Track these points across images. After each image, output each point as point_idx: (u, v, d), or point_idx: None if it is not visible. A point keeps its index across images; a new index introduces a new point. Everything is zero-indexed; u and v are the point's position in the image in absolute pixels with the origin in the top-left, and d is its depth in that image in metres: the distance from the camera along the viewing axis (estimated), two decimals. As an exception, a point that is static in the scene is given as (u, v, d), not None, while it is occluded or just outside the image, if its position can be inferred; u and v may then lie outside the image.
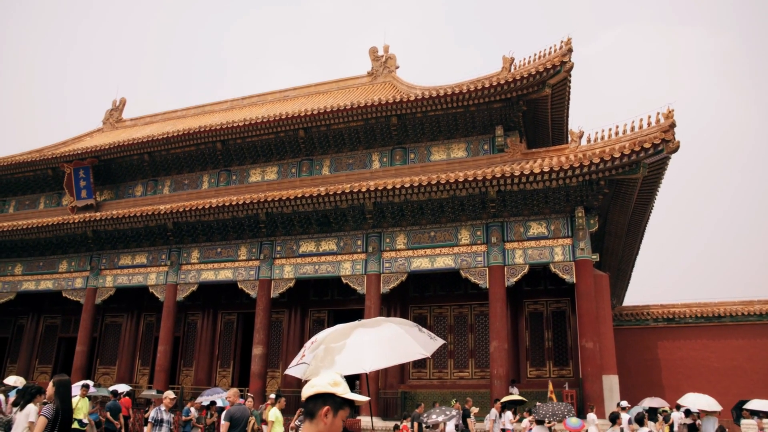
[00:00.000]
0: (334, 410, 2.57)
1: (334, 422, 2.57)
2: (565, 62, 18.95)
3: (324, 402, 2.57)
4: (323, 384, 2.60)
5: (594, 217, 18.36)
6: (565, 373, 20.92)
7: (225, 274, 22.72)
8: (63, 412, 7.13)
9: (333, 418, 2.57)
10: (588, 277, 17.94)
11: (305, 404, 2.64)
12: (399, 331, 4.18)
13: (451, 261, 19.45)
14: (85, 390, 14.11)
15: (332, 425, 2.57)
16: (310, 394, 2.61)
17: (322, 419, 2.55)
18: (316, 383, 2.62)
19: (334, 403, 2.58)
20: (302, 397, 2.67)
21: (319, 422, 2.56)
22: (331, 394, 2.59)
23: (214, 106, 32.29)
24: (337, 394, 2.59)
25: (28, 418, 9.21)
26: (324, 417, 2.55)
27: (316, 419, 2.56)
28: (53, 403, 7.15)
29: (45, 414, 7.04)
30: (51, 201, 29.84)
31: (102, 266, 25.27)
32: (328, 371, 3.63)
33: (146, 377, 26.69)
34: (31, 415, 9.25)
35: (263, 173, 25.08)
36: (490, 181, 17.71)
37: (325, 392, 2.59)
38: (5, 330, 30.99)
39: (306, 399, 2.62)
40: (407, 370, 22.41)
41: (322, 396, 2.59)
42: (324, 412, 2.56)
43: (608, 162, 16.36)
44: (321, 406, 2.57)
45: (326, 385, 2.59)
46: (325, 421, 2.56)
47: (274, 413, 11.70)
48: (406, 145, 22.76)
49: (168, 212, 22.02)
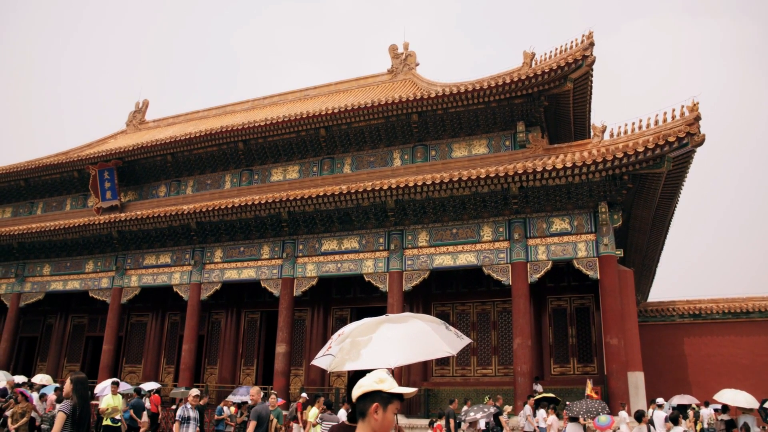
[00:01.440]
0: (383, 406, 2.66)
1: (385, 417, 2.65)
2: (587, 56, 18.76)
3: (372, 400, 2.66)
4: (369, 383, 2.70)
5: (618, 213, 18.15)
6: (589, 370, 20.75)
7: (248, 273, 22.88)
8: (81, 408, 7.30)
9: (383, 413, 2.65)
10: (612, 273, 17.75)
11: (357, 405, 2.73)
12: (426, 328, 4.18)
13: (473, 258, 19.38)
14: (116, 387, 14.28)
15: (384, 420, 2.65)
16: (359, 394, 2.71)
17: (373, 416, 2.64)
18: (362, 383, 2.72)
19: (382, 399, 2.67)
20: (353, 399, 2.75)
21: (371, 419, 2.65)
22: (378, 390, 2.67)
23: (236, 106, 32.55)
24: (384, 390, 2.67)
25: None
26: (375, 414, 2.64)
27: (368, 417, 2.65)
28: (71, 400, 7.31)
29: (63, 410, 7.21)
30: (77, 202, 30.30)
31: (127, 266, 25.60)
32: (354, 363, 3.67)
33: (171, 375, 26.99)
34: None
35: (285, 172, 25.22)
36: (512, 177, 17.60)
37: (373, 390, 2.68)
38: (35, 329, 31.58)
39: (356, 400, 2.71)
40: (430, 368, 22.39)
41: (370, 394, 2.68)
42: (374, 409, 2.65)
43: (632, 156, 16.16)
44: (370, 404, 2.66)
45: (372, 384, 2.68)
46: (376, 418, 2.64)
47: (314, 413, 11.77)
48: (427, 142, 22.73)
49: (191, 212, 22.23)
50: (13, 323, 27.65)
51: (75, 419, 7.20)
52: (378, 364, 3.73)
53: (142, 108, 36.76)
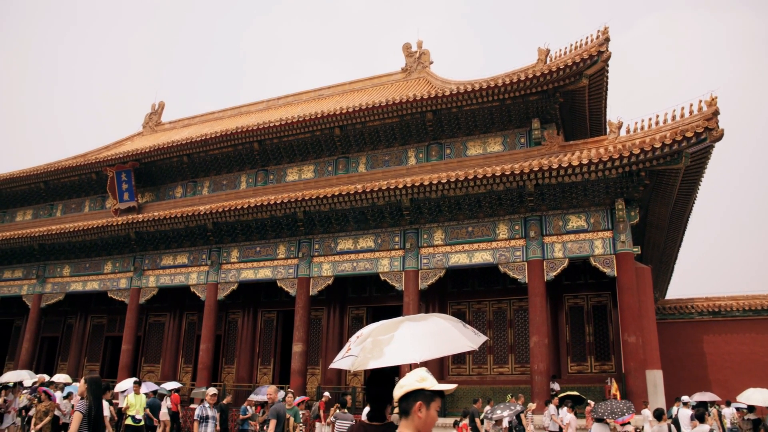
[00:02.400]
0: (426, 404, 2.71)
1: (428, 414, 2.71)
2: (602, 52, 18.64)
3: (415, 398, 2.71)
4: (411, 382, 2.74)
5: (635, 209, 18.01)
6: (606, 368, 20.61)
7: (264, 272, 22.99)
8: (95, 408, 7.46)
9: (427, 411, 2.70)
10: (629, 270, 17.62)
11: (399, 404, 2.77)
12: (446, 325, 4.20)
13: (489, 256, 19.33)
14: (138, 386, 14.44)
15: (427, 418, 2.70)
16: (401, 394, 2.75)
17: (416, 414, 2.70)
18: (404, 383, 2.76)
19: (425, 398, 2.72)
20: (394, 399, 2.81)
21: (414, 417, 2.70)
22: (421, 389, 2.72)
23: (250, 106, 32.71)
24: (426, 388, 2.72)
25: None
26: (418, 412, 2.69)
27: (411, 415, 2.71)
28: (86, 400, 7.45)
29: (80, 410, 7.36)
30: (95, 204, 30.64)
31: (145, 267, 25.84)
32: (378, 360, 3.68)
33: (189, 375, 27.20)
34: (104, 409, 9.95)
35: (300, 172, 25.32)
36: (527, 175, 17.53)
37: (415, 389, 2.72)
38: (56, 329, 31.98)
39: (399, 399, 2.75)
40: (446, 366, 22.37)
41: (412, 393, 2.73)
42: (417, 407, 2.70)
43: (649, 152, 16.03)
44: (413, 402, 2.71)
45: (414, 383, 2.73)
46: (420, 416, 2.69)
47: None
48: (442, 141, 22.70)
49: (208, 213, 22.38)
50: (35, 323, 28.04)
51: (90, 418, 7.35)
52: (402, 360, 3.75)
53: (158, 110, 37.06)
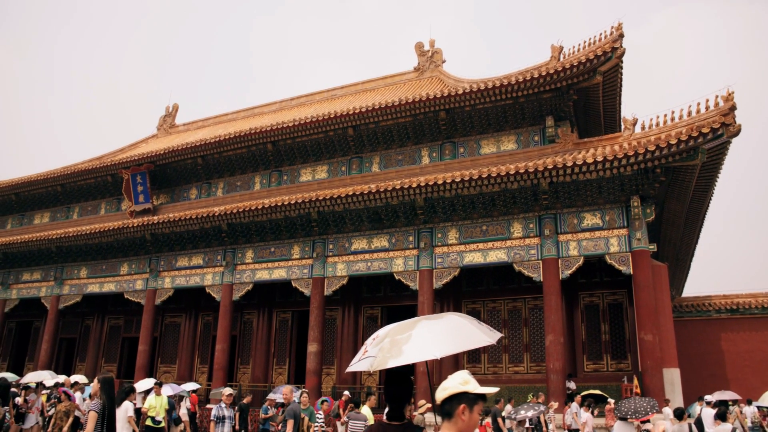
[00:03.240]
0: (469, 407, 2.73)
1: (471, 418, 2.72)
2: (616, 48, 18.50)
3: (459, 401, 2.73)
4: (455, 384, 2.76)
5: (650, 206, 17.86)
6: (623, 367, 20.48)
7: (279, 273, 23.06)
8: (109, 407, 7.54)
9: (470, 414, 2.72)
10: (645, 268, 17.48)
11: (441, 407, 2.78)
12: (462, 321, 4.21)
13: (503, 255, 19.26)
14: (159, 388, 14.53)
15: (470, 421, 2.72)
16: (445, 396, 2.76)
17: (460, 417, 2.71)
18: (447, 385, 2.77)
19: (468, 401, 2.73)
20: (437, 401, 2.81)
21: (458, 420, 2.71)
22: (464, 392, 2.74)
23: (263, 107, 32.84)
24: (469, 392, 2.74)
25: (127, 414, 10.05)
26: (462, 415, 2.71)
27: (455, 418, 2.72)
28: (100, 399, 7.53)
29: (94, 409, 7.44)
30: (111, 206, 30.90)
31: (160, 268, 26.01)
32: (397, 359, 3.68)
33: (205, 375, 27.37)
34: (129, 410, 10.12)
35: (314, 172, 25.38)
36: (542, 173, 17.44)
37: (459, 392, 2.74)
38: (73, 331, 32.31)
39: (442, 402, 2.77)
40: (461, 365, 22.31)
41: (456, 396, 2.74)
42: (461, 410, 2.71)
43: (664, 149, 15.89)
44: (457, 405, 2.73)
45: (458, 385, 2.75)
46: (463, 419, 2.71)
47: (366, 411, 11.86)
48: (456, 139, 22.66)
49: (222, 214, 22.49)
50: (54, 325, 28.34)
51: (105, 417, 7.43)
52: (423, 357, 3.75)
53: (172, 112, 37.31)
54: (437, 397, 2.81)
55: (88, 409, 7.65)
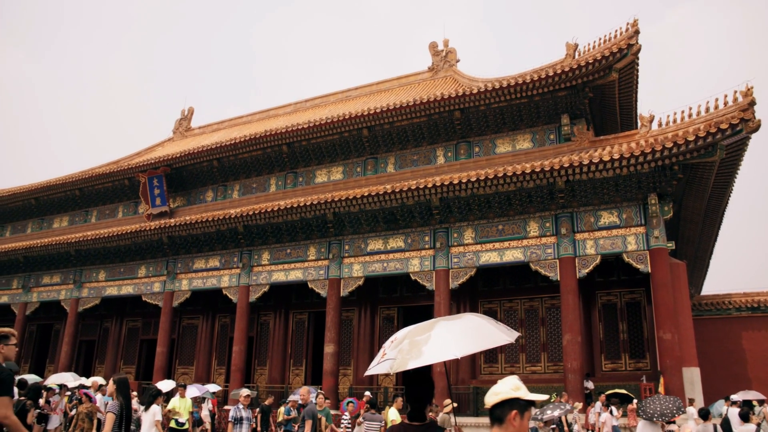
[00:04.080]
0: (521, 413, 2.73)
1: (522, 424, 2.73)
2: (632, 45, 18.36)
3: (511, 407, 2.72)
4: (507, 390, 2.75)
5: (668, 204, 17.70)
6: (642, 366, 20.30)
7: (295, 274, 23.13)
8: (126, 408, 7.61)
9: (521, 420, 2.72)
10: (664, 266, 17.32)
11: (491, 411, 2.77)
12: (480, 321, 4.22)
13: (520, 254, 19.19)
14: (183, 390, 14.64)
15: (521, 427, 2.72)
16: (496, 401, 2.75)
17: (511, 423, 2.71)
18: (499, 390, 2.77)
19: (520, 407, 2.73)
20: (486, 405, 2.80)
21: (509, 426, 2.71)
22: (516, 398, 2.73)
23: (278, 109, 32.98)
24: (521, 398, 2.73)
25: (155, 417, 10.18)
26: (513, 421, 2.71)
27: (506, 423, 2.72)
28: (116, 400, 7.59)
29: (112, 410, 7.50)
30: (128, 210, 31.18)
31: (178, 270, 26.19)
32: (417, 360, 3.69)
33: (222, 377, 27.50)
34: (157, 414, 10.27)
35: (329, 173, 25.44)
36: (557, 171, 17.35)
37: (510, 397, 2.73)
38: (92, 333, 32.63)
39: (492, 406, 2.76)
40: (478, 365, 22.27)
41: (508, 401, 2.73)
42: (513, 416, 2.71)
43: (682, 146, 15.74)
44: (508, 410, 2.72)
45: (509, 391, 2.74)
46: (515, 424, 2.71)
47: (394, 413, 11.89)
48: (471, 139, 22.60)
49: (238, 216, 22.61)
50: (73, 327, 28.63)
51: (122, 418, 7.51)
52: (443, 357, 3.75)
53: (187, 115, 37.59)
54: (487, 402, 2.80)
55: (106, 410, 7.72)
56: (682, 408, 11.74)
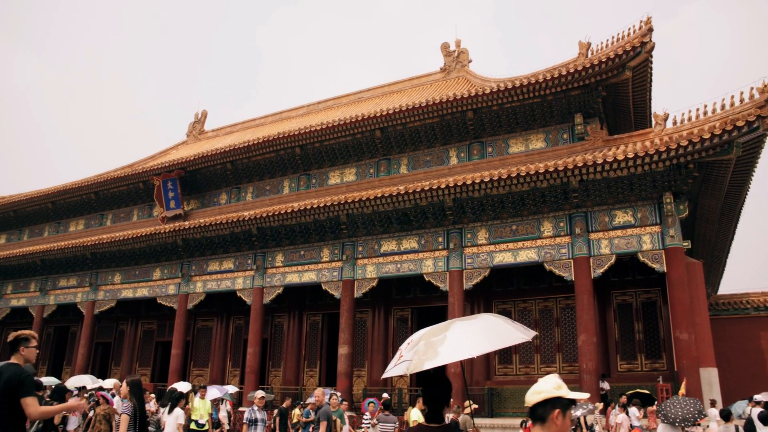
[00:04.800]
0: (563, 412, 2.71)
1: (564, 423, 2.71)
2: (646, 43, 18.22)
3: (553, 405, 2.70)
4: (549, 389, 2.73)
5: (684, 203, 17.54)
6: (658, 366, 20.14)
7: (309, 276, 23.18)
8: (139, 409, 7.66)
9: (563, 419, 2.70)
10: (679, 266, 17.16)
11: (533, 410, 2.76)
12: (497, 320, 4.20)
13: (534, 254, 19.10)
14: (204, 391, 14.75)
15: (563, 426, 2.71)
16: (539, 400, 2.74)
17: (554, 422, 2.69)
18: (541, 389, 2.75)
19: (562, 405, 2.71)
20: (527, 404, 2.79)
21: (551, 425, 2.70)
22: (559, 397, 2.71)
23: (291, 112, 33.08)
24: (563, 396, 2.72)
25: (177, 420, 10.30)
26: (555, 419, 2.69)
27: (548, 422, 2.71)
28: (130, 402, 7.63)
29: (126, 412, 7.56)
30: (143, 213, 31.40)
31: (192, 273, 26.33)
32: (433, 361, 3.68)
33: (237, 378, 27.61)
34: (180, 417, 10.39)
35: (342, 175, 25.47)
36: (571, 171, 17.26)
37: (553, 396, 2.72)
38: (108, 335, 32.90)
39: (534, 405, 2.75)
40: (493, 366, 22.18)
41: (550, 400, 2.72)
42: (555, 414, 2.69)
43: (697, 144, 15.59)
44: (551, 409, 2.70)
45: (552, 390, 2.72)
46: (557, 423, 2.69)
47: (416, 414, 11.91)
48: (484, 139, 22.54)
49: (252, 218, 22.70)
50: (89, 330, 28.89)
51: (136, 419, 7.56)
52: (458, 356, 3.74)
53: (201, 119, 37.79)
54: (529, 401, 2.78)
55: (120, 412, 7.79)
56: (703, 411, 11.49)
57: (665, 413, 11.13)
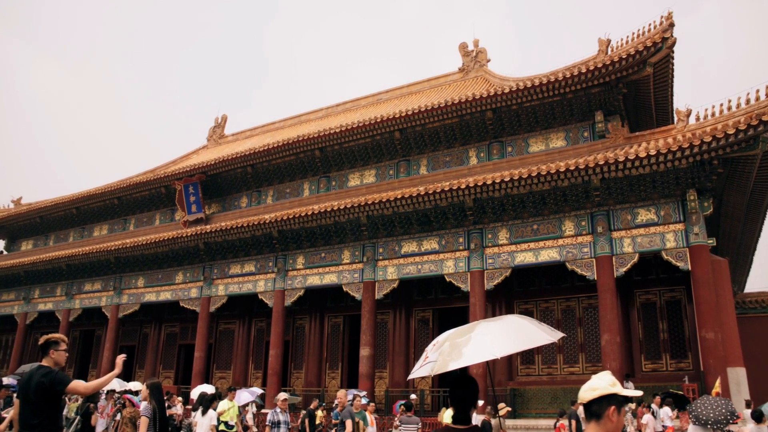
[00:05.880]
0: (618, 409, 2.72)
1: (619, 420, 2.72)
2: (667, 38, 17.99)
3: (609, 402, 2.72)
4: (604, 386, 2.75)
5: (708, 200, 17.29)
6: (683, 366, 19.85)
7: (330, 278, 23.23)
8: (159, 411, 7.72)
9: (618, 416, 2.72)
10: (704, 263, 16.91)
11: (588, 406, 2.77)
12: (522, 322, 4.19)
13: (555, 254, 18.96)
14: (233, 394, 14.85)
15: (618, 423, 2.72)
16: (594, 397, 2.75)
17: (609, 418, 2.71)
18: (596, 386, 2.76)
19: (617, 402, 2.73)
20: (581, 401, 2.80)
21: (607, 422, 2.72)
22: (614, 394, 2.73)
23: (309, 114, 33.22)
24: (618, 393, 2.73)
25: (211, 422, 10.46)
26: (611, 416, 2.71)
27: (604, 419, 2.72)
28: (150, 404, 7.69)
29: (146, 414, 7.64)
30: (165, 217, 31.73)
31: (214, 276, 26.54)
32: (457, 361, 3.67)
33: (259, 380, 27.74)
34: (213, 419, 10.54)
35: (362, 177, 25.51)
36: (592, 169, 17.11)
37: (608, 393, 2.73)
38: (132, 338, 33.28)
39: (589, 402, 2.76)
40: (515, 367, 22.04)
41: (606, 397, 2.73)
42: (611, 411, 2.71)
43: (721, 139, 15.36)
44: (606, 406, 2.72)
45: (607, 387, 2.74)
46: (613, 420, 2.71)
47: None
48: (503, 139, 22.44)
49: (272, 221, 22.81)
50: (114, 333, 29.25)
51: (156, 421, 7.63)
52: (482, 357, 3.72)
53: (221, 123, 38.11)
54: (583, 398, 2.78)
55: (140, 414, 7.88)
56: (736, 413, 11.19)
57: (696, 414, 10.84)
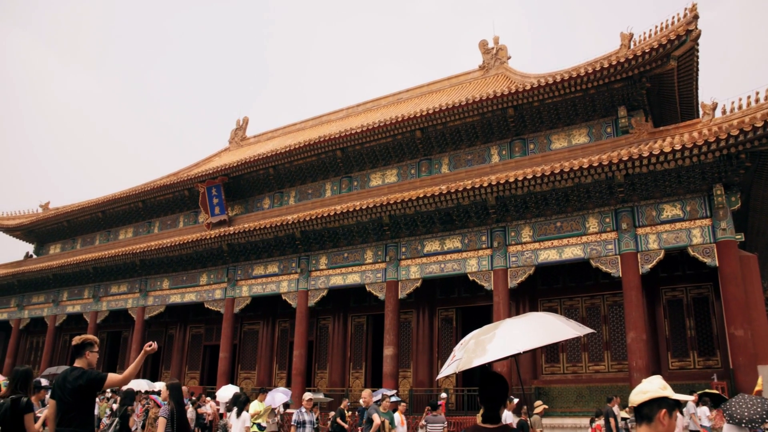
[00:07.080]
0: (669, 412, 2.74)
1: (671, 423, 2.73)
2: (691, 31, 17.73)
3: (659, 405, 2.74)
4: (655, 389, 2.76)
5: (735, 194, 16.99)
6: (711, 364, 19.53)
7: (353, 278, 23.28)
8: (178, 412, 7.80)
9: (669, 419, 2.73)
10: (733, 259, 16.63)
11: (639, 409, 2.79)
12: (549, 317, 4.18)
13: (579, 251, 18.79)
14: (264, 395, 14.98)
15: (669, 426, 2.73)
16: (645, 399, 2.77)
17: (660, 422, 2.73)
18: (647, 389, 2.78)
19: (668, 406, 2.74)
20: (632, 404, 2.82)
21: (658, 425, 2.73)
22: (665, 397, 2.74)
23: (331, 115, 33.34)
24: (669, 396, 2.75)
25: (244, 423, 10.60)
26: (662, 419, 2.72)
27: (655, 422, 2.74)
28: (168, 405, 7.77)
29: (163, 415, 7.73)
30: (189, 219, 32.06)
31: (238, 277, 26.74)
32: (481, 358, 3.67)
33: (284, 381, 27.90)
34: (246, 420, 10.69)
35: (383, 176, 25.53)
36: (616, 165, 16.92)
37: (659, 396, 2.75)
38: (158, 340, 33.62)
39: (640, 405, 2.78)
40: (540, 365, 21.88)
41: (657, 400, 2.75)
42: (662, 415, 2.72)
43: (749, 133, 15.09)
44: (657, 409, 2.74)
45: (658, 390, 2.75)
46: (664, 423, 2.72)
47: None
48: (525, 136, 22.31)
49: (295, 222, 22.93)
50: (140, 334, 29.60)
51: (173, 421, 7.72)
52: (506, 352, 3.72)
53: (242, 125, 38.41)
54: (634, 401, 2.79)
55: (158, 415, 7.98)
56: None
57: (731, 413, 10.56)
